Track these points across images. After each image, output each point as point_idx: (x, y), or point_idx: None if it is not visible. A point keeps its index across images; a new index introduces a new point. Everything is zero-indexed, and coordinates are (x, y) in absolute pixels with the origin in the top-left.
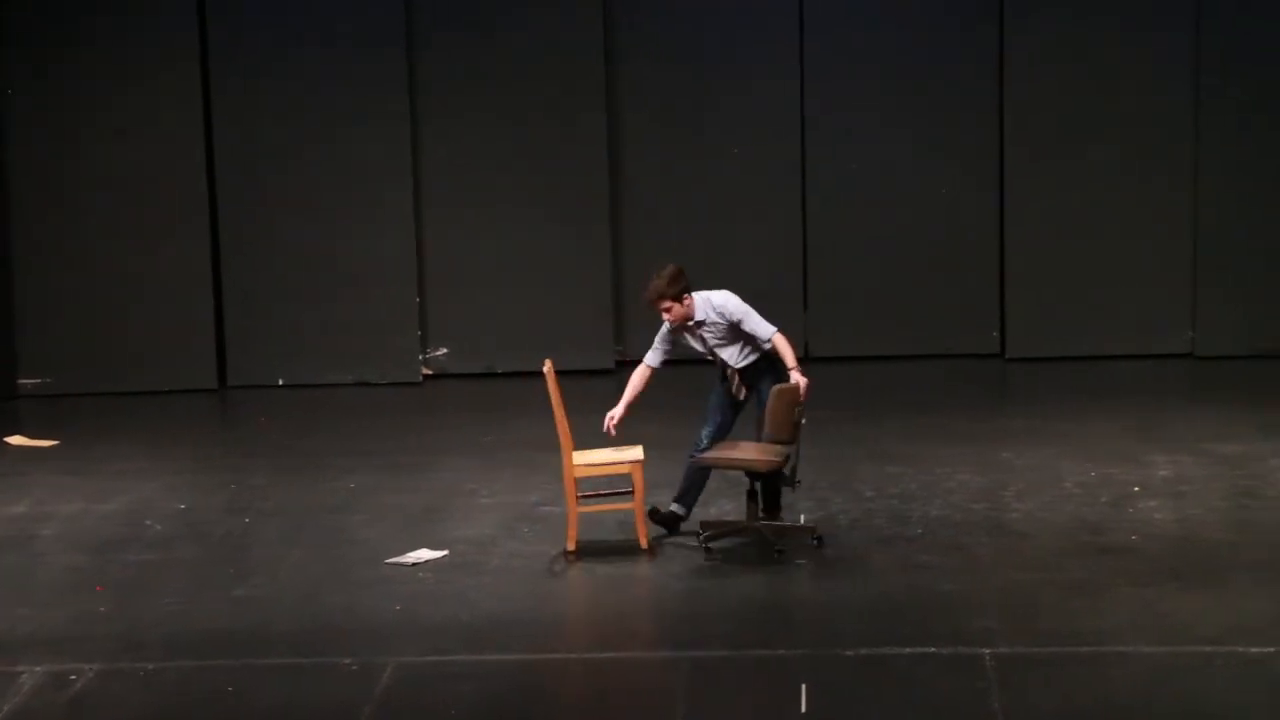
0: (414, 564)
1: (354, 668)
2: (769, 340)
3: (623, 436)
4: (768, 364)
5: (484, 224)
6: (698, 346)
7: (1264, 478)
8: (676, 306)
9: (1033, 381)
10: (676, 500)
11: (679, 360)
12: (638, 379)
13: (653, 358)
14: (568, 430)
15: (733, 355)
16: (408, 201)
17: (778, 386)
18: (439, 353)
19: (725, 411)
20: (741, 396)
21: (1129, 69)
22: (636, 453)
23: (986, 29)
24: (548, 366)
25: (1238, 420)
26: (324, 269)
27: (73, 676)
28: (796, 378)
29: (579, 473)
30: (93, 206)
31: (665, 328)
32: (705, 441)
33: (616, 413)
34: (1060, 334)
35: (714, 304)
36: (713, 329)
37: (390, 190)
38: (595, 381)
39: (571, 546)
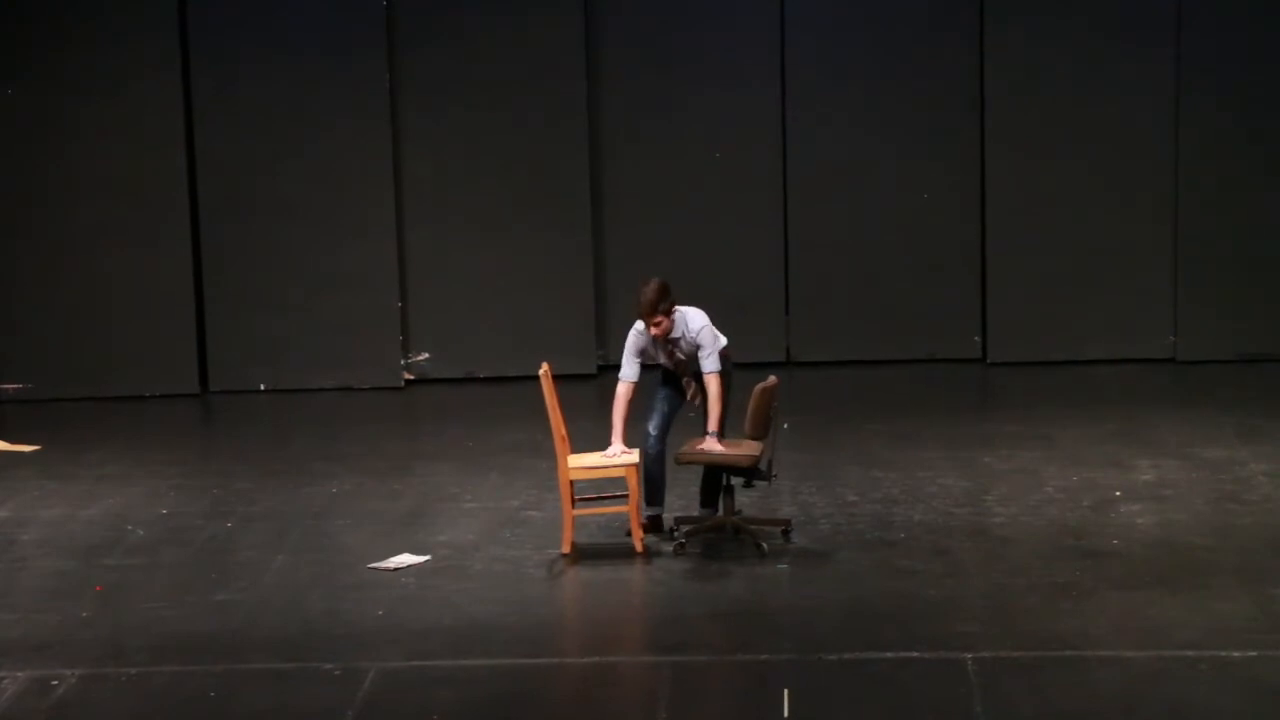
0: (396, 569)
1: (336, 673)
2: (710, 372)
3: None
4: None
5: (465, 229)
6: (662, 359)
7: (1246, 482)
8: (665, 320)
9: (1015, 386)
10: (650, 503)
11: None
12: (623, 398)
13: (630, 372)
14: (564, 433)
15: (688, 365)
16: (389, 206)
17: (758, 386)
18: (421, 357)
19: (672, 402)
20: (697, 401)
21: (1110, 74)
22: (631, 456)
23: (967, 34)
24: (544, 370)
25: (1219, 424)
26: (306, 274)
27: (55, 682)
28: (711, 443)
29: (574, 475)
30: (74, 211)
31: (633, 341)
32: (654, 435)
33: (619, 445)
34: (1042, 338)
35: (689, 325)
36: (681, 347)
37: (371, 195)
38: (578, 386)
39: (567, 549)
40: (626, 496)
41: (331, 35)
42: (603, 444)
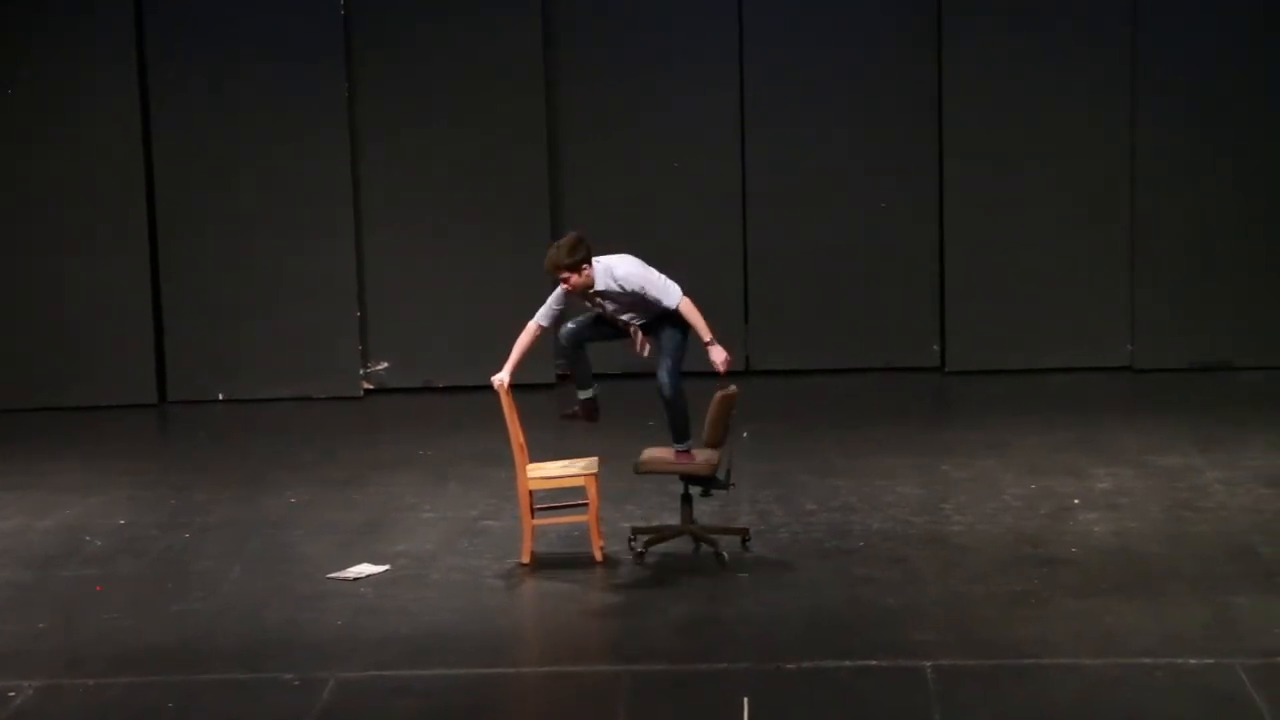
0: (355, 578)
1: (295, 683)
2: (675, 306)
3: (574, 448)
4: (664, 315)
5: (424, 238)
6: (602, 311)
7: (1201, 490)
8: (574, 277)
9: (972, 394)
10: (581, 388)
11: (641, 373)
12: (526, 339)
13: (544, 317)
14: (522, 443)
15: (633, 317)
16: (348, 216)
17: (718, 394)
18: (379, 367)
19: (600, 327)
20: (645, 354)
21: (1066, 84)
22: (591, 464)
23: (925, 44)
24: (500, 382)
25: (1176, 433)
26: (264, 283)
27: (11, 694)
28: (717, 353)
29: (533, 485)
30: (30, 220)
31: (559, 291)
32: (572, 326)
33: (504, 378)
34: (1000, 347)
35: (615, 275)
36: (613, 297)
37: (330, 205)
38: (536, 396)
39: (526, 559)
40: (586, 506)
41: (289, 43)
42: (562, 454)
